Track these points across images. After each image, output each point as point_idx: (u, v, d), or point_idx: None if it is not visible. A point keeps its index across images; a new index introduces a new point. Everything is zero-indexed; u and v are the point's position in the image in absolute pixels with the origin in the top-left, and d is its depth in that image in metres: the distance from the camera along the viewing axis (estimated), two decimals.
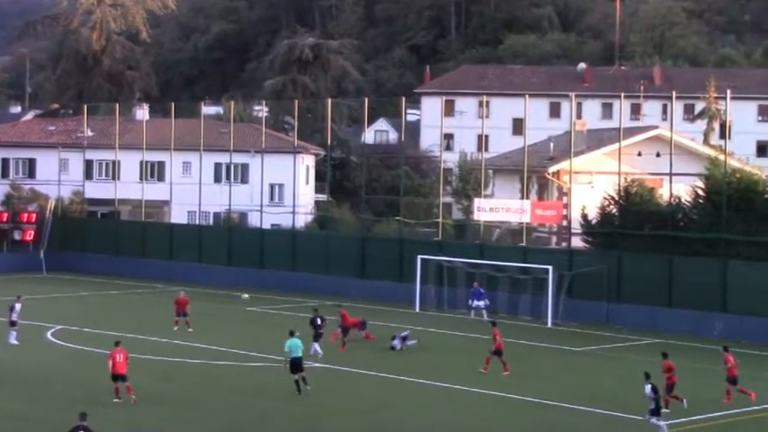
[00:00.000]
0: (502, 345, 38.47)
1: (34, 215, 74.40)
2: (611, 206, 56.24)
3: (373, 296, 58.82)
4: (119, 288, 63.99)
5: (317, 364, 39.44)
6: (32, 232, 73.35)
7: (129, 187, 75.98)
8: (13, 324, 42.94)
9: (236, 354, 41.59)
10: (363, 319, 46.03)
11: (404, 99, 69.09)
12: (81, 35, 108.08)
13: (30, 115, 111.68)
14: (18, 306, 43.26)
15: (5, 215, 74.07)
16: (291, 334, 35.11)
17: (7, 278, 66.17)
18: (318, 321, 41.49)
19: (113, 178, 77.38)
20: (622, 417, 32.26)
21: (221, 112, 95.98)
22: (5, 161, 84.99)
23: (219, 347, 42.86)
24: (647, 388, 29.86)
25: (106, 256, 71.70)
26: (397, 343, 43.34)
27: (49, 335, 45.51)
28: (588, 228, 57.80)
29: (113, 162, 78.22)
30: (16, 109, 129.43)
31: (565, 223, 61.05)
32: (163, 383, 36.23)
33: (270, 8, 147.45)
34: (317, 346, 40.80)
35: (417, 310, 55.26)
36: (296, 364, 34.19)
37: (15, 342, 42.58)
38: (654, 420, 29.50)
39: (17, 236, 73.19)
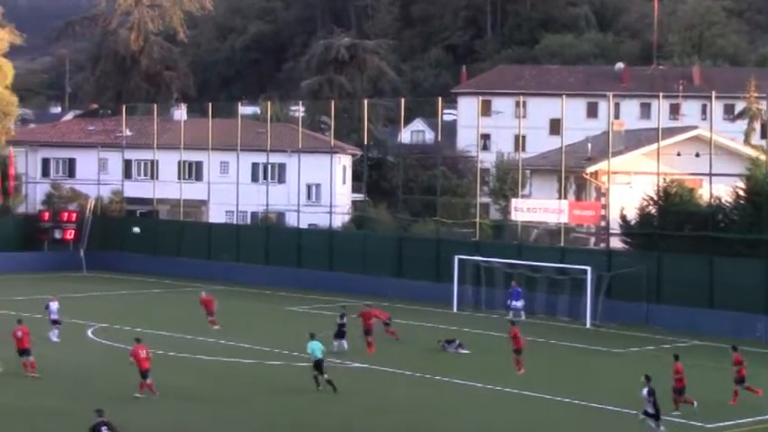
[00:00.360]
0: (521, 344, 38.41)
1: (74, 214, 75.03)
2: (651, 207, 55.95)
3: (410, 296, 58.83)
4: (157, 287, 64.36)
5: (356, 364, 39.54)
6: (73, 231, 74.00)
7: (167, 187, 76.36)
8: (55, 322, 43.29)
9: (274, 353, 41.69)
10: (389, 316, 46.07)
11: (440, 99, 69.04)
12: (119, 36, 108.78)
13: (69, 115, 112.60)
14: (53, 305, 43.57)
15: (47, 214, 74.76)
16: (312, 336, 35.45)
17: (48, 276, 66.76)
18: (344, 320, 41.83)
19: (152, 178, 77.81)
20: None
21: (258, 112, 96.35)
22: (46, 161, 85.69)
23: (258, 347, 42.98)
24: (644, 391, 29.76)
25: (145, 255, 72.11)
26: (449, 349, 43.08)
27: (89, 333, 45.87)
28: (627, 228, 57.54)
29: (152, 162, 78.66)
30: (56, 109, 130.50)
31: (603, 224, 60.79)
32: (203, 382, 36.41)
33: (306, 8, 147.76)
34: (343, 342, 41.17)
35: (455, 310, 55.21)
36: (318, 366, 34.65)
37: (56, 340, 42.93)
38: (650, 423, 29.46)
39: (58, 235, 73.90)
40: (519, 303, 52.67)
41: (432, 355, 42.56)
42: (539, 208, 60.10)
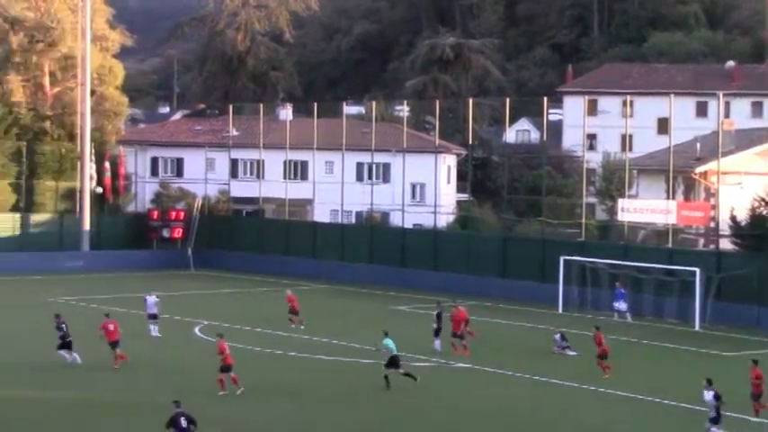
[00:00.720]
0: (606, 349, 37.81)
1: (182, 213, 76.22)
2: (762, 207, 54.72)
3: (515, 296, 58.49)
4: (263, 285, 64.97)
5: (460, 364, 39.41)
6: (181, 230, 75.21)
7: (273, 186, 77.07)
8: (152, 317, 43.93)
9: (378, 352, 41.67)
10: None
11: (546, 98, 68.45)
12: (226, 36, 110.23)
13: (178, 115, 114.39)
14: (150, 299, 44.20)
15: (155, 213, 76.08)
16: (386, 334, 35.49)
17: (156, 275, 67.87)
18: (439, 318, 41.72)
19: (258, 177, 78.61)
20: None
21: (363, 111, 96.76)
22: (155, 160, 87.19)
23: (360, 345, 43.07)
24: (709, 394, 28.79)
25: (251, 253, 72.88)
26: (560, 350, 42.67)
27: (196, 330, 46.47)
28: (737, 229, 56.40)
29: (258, 161, 79.47)
30: (165, 109, 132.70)
31: (712, 225, 59.66)
32: (306, 380, 36.59)
33: (411, 8, 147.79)
34: (437, 342, 41.02)
35: (560, 311, 54.67)
36: (394, 362, 34.66)
37: (157, 335, 43.57)
38: (714, 429, 28.54)
39: (166, 233, 75.17)
40: (623, 305, 52.00)
41: (537, 357, 42.20)
42: (646, 208, 59.22)
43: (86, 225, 72.93)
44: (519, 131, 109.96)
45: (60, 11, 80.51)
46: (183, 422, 24.21)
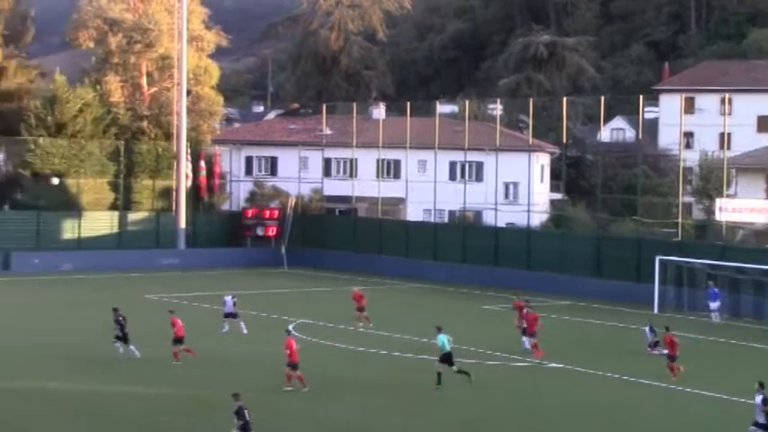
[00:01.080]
0: (676, 351, 37.09)
1: (276, 212, 76.82)
2: None
3: (609, 296, 57.83)
4: (356, 284, 65.06)
5: (553, 364, 39.07)
6: (275, 228, 75.80)
7: (366, 185, 77.27)
8: (228, 316, 44.47)
9: (470, 351, 41.52)
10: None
11: (641, 96, 67.56)
12: (320, 36, 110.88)
13: (272, 114, 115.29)
14: (228, 299, 44.84)
15: (250, 212, 76.81)
16: (439, 330, 35.34)
17: (250, 272, 68.55)
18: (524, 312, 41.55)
19: (351, 176, 78.87)
20: None
21: (456, 110, 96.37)
22: (249, 159, 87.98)
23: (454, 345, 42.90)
24: (758, 398, 27.73)
25: (344, 252, 73.15)
26: (652, 349, 42.09)
27: (290, 328, 46.66)
28: None
29: (351, 160, 79.74)
30: (259, 108, 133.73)
31: None
32: (398, 378, 36.55)
33: (504, 7, 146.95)
34: (526, 341, 40.86)
35: (656, 311, 53.86)
36: (447, 358, 34.53)
37: (246, 332, 44.15)
38: None
39: (260, 232, 75.83)
40: (715, 305, 51.11)
41: (630, 357, 41.61)
42: (745, 208, 58.17)
43: (182, 223, 73.93)
44: (614, 130, 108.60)
45: (157, 12, 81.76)
46: (248, 415, 24.44)
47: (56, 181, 68.26)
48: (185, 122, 74.55)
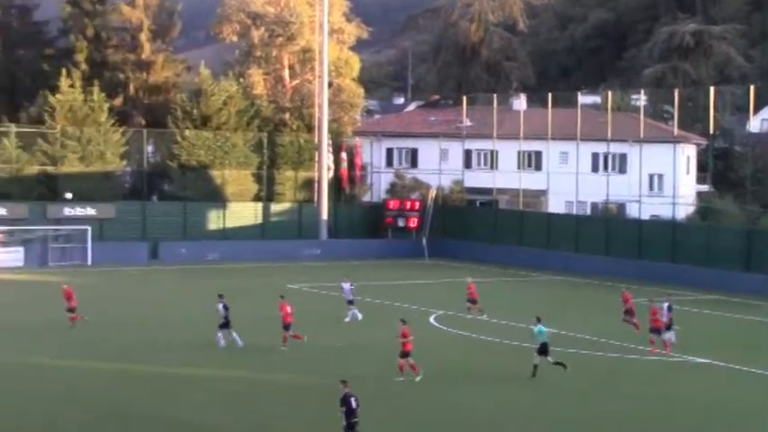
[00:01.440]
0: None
1: (417, 203, 76.88)
2: None
3: (759, 291, 56.18)
4: (497, 275, 64.72)
5: (700, 360, 38.06)
6: (415, 220, 75.89)
7: (506, 176, 76.70)
8: (350, 303, 44.77)
9: (611, 344, 40.79)
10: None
11: None
12: (460, 27, 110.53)
13: (412, 106, 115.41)
14: (346, 286, 45.15)
15: (391, 203, 77.05)
16: (538, 320, 34.85)
17: (391, 263, 68.78)
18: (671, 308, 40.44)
19: (491, 167, 78.38)
20: None
21: (599, 101, 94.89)
22: (390, 151, 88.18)
23: (596, 337, 42.24)
24: None
25: (485, 244, 72.78)
26: None
27: (431, 319, 46.65)
28: None
29: (491, 152, 79.25)
30: (399, 100, 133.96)
31: None
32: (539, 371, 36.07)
33: None
34: (669, 335, 39.83)
35: None
36: (543, 349, 34.20)
37: (359, 318, 44.48)
38: None
39: (401, 223, 76.03)
40: None
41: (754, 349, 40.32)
42: None
43: (324, 214, 74.57)
44: (764, 120, 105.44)
45: (299, 5, 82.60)
46: (354, 402, 24.33)
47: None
48: (326, 114, 75.11)
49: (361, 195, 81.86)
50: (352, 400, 24.40)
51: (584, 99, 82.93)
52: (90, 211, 68.25)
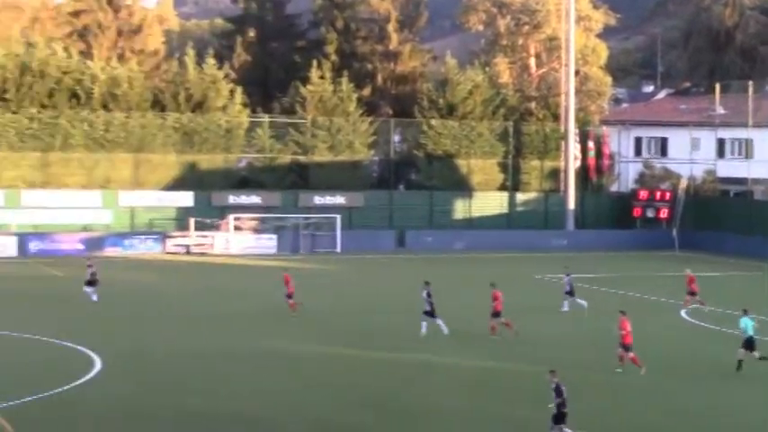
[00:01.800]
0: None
1: (667, 194, 74.88)
2: None
3: None
4: (752, 269, 62.08)
5: None
6: (666, 211, 73.93)
7: (762, 166, 73.65)
8: (569, 293, 43.58)
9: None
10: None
11: None
12: (713, 12, 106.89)
13: (662, 94, 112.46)
14: (567, 278, 43.93)
15: (643, 193, 75.35)
16: (745, 312, 33.00)
17: (638, 254, 67.23)
18: None
19: (746, 157, 75.44)
20: None
21: None
22: (638, 140, 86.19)
23: None
24: None
25: (740, 236, 70.06)
26: None
27: (682, 313, 45.23)
28: None
29: (746, 140, 76.30)
30: (648, 88, 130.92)
31: None
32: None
33: None
34: None
35: None
36: (749, 343, 32.50)
37: (566, 309, 43.40)
38: None
39: (650, 214, 74.26)
40: None
41: None
42: None
43: (571, 204, 73.65)
44: None
45: None
46: (564, 391, 23.91)
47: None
48: (573, 103, 74.12)
49: (608, 185, 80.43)
50: (563, 388, 24.21)
51: None
52: (339, 199, 69.84)
